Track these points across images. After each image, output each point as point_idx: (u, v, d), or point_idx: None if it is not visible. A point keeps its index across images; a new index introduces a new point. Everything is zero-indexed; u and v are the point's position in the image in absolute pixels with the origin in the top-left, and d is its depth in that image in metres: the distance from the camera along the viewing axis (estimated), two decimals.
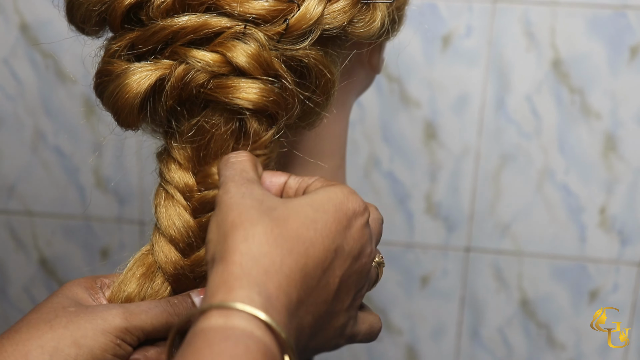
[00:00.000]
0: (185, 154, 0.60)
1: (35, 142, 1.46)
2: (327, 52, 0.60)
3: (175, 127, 0.60)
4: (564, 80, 1.32)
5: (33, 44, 1.38)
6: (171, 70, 0.56)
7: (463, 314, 1.50)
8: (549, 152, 1.36)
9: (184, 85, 0.57)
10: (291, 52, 0.57)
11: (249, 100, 0.56)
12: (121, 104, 0.58)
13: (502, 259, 1.45)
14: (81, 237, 1.53)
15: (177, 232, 0.61)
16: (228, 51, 0.55)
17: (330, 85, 0.61)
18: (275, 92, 0.57)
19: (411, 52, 1.32)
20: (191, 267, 0.61)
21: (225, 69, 0.56)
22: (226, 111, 0.58)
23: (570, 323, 1.47)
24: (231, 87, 0.56)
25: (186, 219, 0.61)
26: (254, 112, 0.57)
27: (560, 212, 1.40)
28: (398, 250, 1.46)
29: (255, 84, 0.56)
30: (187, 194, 0.61)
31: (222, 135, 0.59)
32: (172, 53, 0.57)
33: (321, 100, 0.61)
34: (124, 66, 0.57)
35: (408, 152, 1.39)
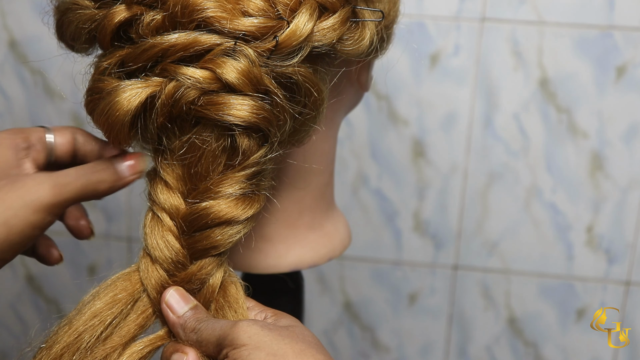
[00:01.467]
0: (175, 173, 0.60)
1: None
2: (316, 70, 0.60)
3: (166, 144, 0.60)
4: (551, 100, 1.32)
5: (22, 61, 1.37)
6: (161, 88, 0.56)
7: (451, 331, 1.49)
8: (536, 170, 1.37)
9: (174, 102, 0.56)
10: (281, 69, 0.57)
11: (239, 117, 0.56)
12: (112, 121, 0.57)
13: (489, 277, 1.45)
14: (68, 254, 1.52)
15: (161, 254, 0.61)
16: (218, 68, 0.55)
17: (320, 102, 0.61)
18: (265, 108, 0.57)
19: (400, 70, 1.33)
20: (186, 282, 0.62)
21: (215, 85, 0.56)
22: (217, 128, 0.58)
23: (557, 341, 1.47)
24: (222, 104, 0.56)
25: (171, 241, 0.61)
26: (245, 129, 0.57)
27: (547, 230, 1.40)
28: (386, 267, 1.46)
29: (246, 100, 0.56)
30: (173, 215, 0.61)
31: (214, 151, 0.58)
32: (162, 70, 0.57)
33: (310, 117, 0.61)
34: (115, 84, 0.57)
35: (396, 169, 1.39)
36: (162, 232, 0.61)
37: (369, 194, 1.42)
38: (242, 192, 0.60)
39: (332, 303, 1.50)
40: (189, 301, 0.61)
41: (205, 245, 0.60)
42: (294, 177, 0.73)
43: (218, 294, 0.62)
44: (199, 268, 0.61)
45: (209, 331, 0.58)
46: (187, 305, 0.61)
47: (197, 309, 0.61)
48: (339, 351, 1.53)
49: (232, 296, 0.63)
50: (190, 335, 0.59)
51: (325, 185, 0.78)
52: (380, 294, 1.48)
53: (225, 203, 0.59)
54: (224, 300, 0.62)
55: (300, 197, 0.75)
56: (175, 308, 0.60)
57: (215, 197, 0.59)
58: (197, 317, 0.60)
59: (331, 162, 0.78)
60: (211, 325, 0.59)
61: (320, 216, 0.78)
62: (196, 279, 0.61)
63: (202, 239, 0.60)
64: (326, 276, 1.48)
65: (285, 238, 0.76)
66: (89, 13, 0.59)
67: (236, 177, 0.59)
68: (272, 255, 0.76)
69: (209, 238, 0.60)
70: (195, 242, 0.60)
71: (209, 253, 0.61)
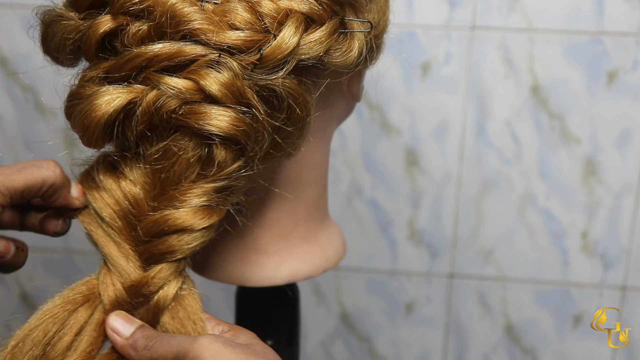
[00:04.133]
0: (144, 176, 0.60)
1: None
2: (301, 81, 0.60)
3: (142, 152, 0.59)
4: (543, 106, 1.32)
5: (9, 74, 1.37)
6: (143, 95, 0.56)
7: (448, 340, 1.49)
8: (529, 177, 1.37)
9: (155, 110, 0.56)
10: (264, 82, 0.57)
11: (219, 127, 0.56)
12: (88, 122, 0.57)
13: (485, 285, 1.45)
14: (63, 271, 1.51)
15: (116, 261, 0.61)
16: (201, 79, 0.55)
17: (305, 114, 0.61)
18: (246, 121, 0.57)
19: (391, 79, 1.33)
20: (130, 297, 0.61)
21: (197, 96, 0.56)
22: (196, 137, 0.58)
23: (554, 348, 1.47)
24: (202, 114, 0.56)
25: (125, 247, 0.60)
26: (223, 140, 0.57)
27: (542, 237, 1.40)
28: (382, 277, 1.46)
29: (227, 112, 0.56)
30: (131, 214, 0.60)
31: (189, 159, 0.58)
32: (145, 79, 0.56)
33: (296, 130, 0.61)
34: (95, 88, 0.57)
35: (390, 179, 1.39)
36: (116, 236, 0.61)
37: (363, 204, 1.41)
38: (206, 203, 0.59)
39: (328, 314, 1.49)
40: (134, 322, 0.60)
41: (161, 249, 0.60)
42: (287, 189, 0.73)
43: (176, 304, 0.62)
44: (152, 275, 0.60)
45: (164, 347, 0.57)
46: (132, 326, 0.60)
47: (144, 328, 0.60)
48: None
49: (191, 307, 0.62)
50: (144, 353, 0.58)
51: (319, 196, 0.78)
52: (376, 304, 1.48)
53: (185, 211, 0.59)
54: (183, 311, 0.62)
55: (293, 209, 0.75)
56: (121, 331, 0.60)
57: (177, 206, 0.59)
58: (146, 335, 0.59)
59: (324, 173, 0.77)
60: (166, 341, 0.58)
61: (314, 227, 0.78)
62: (151, 284, 0.60)
63: (157, 244, 0.59)
64: (322, 287, 1.47)
65: (280, 250, 0.76)
66: (73, 24, 0.59)
67: (204, 187, 0.59)
68: (267, 267, 0.76)
69: (165, 243, 0.59)
70: (151, 247, 0.60)
71: (165, 258, 0.60)
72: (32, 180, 0.60)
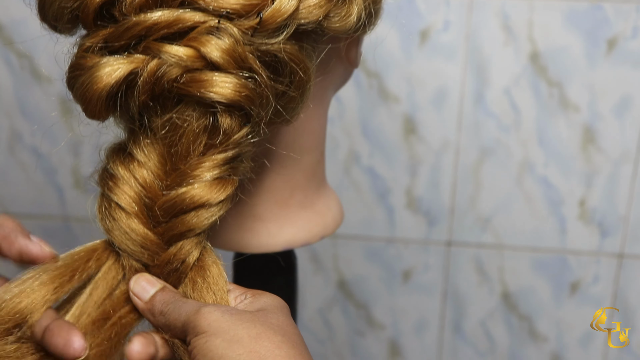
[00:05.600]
0: (155, 152, 0.60)
1: (11, 143, 1.45)
2: (302, 47, 0.60)
3: (147, 123, 0.59)
4: (542, 74, 1.32)
5: (6, 43, 1.36)
6: (144, 65, 0.56)
7: (445, 308, 1.50)
8: (528, 145, 1.36)
9: (156, 80, 0.56)
10: (265, 47, 0.56)
11: (222, 94, 0.56)
12: (90, 94, 0.57)
13: (483, 253, 1.45)
14: (61, 238, 1.51)
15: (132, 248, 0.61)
16: (202, 46, 0.55)
17: (306, 79, 0.60)
18: (249, 87, 0.56)
19: (389, 47, 1.32)
20: (160, 270, 0.61)
21: (199, 63, 0.56)
22: (199, 106, 0.57)
23: (551, 315, 1.48)
24: (204, 81, 0.56)
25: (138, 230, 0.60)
26: (227, 107, 0.57)
27: (540, 205, 1.40)
28: (379, 245, 1.46)
29: (229, 78, 0.56)
30: (145, 198, 0.60)
31: (194, 130, 0.58)
32: (145, 48, 0.56)
33: (296, 95, 0.61)
34: (96, 59, 0.57)
35: (388, 147, 1.39)
36: (127, 221, 0.60)
37: (360, 172, 1.41)
38: (218, 176, 0.59)
39: (326, 282, 1.50)
40: (155, 284, 0.61)
41: (181, 229, 0.60)
42: (285, 156, 0.73)
43: (197, 274, 0.62)
44: (176, 250, 0.61)
45: (175, 315, 0.58)
46: (153, 288, 0.60)
47: (164, 290, 0.60)
48: (334, 329, 1.53)
49: (213, 277, 0.62)
50: (159, 318, 0.59)
51: (316, 164, 0.77)
52: (374, 271, 1.48)
53: (200, 187, 0.59)
54: (203, 281, 0.62)
55: (291, 176, 0.75)
56: (141, 295, 0.60)
57: (191, 182, 0.59)
58: (164, 300, 0.59)
59: (322, 140, 0.77)
60: (177, 308, 0.58)
61: (311, 194, 0.78)
62: (175, 260, 0.61)
63: (177, 224, 0.60)
64: (319, 255, 1.48)
65: (277, 217, 0.76)
66: None
67: (214, 159, 0.59)
68: (264, 234, 0.76)
69: (184, 222, 0.60)
70: (170, 227, 0.60)
71: (185, 236, 0.61)
72: None
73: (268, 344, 0.55)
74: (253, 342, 0.54)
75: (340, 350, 1.55)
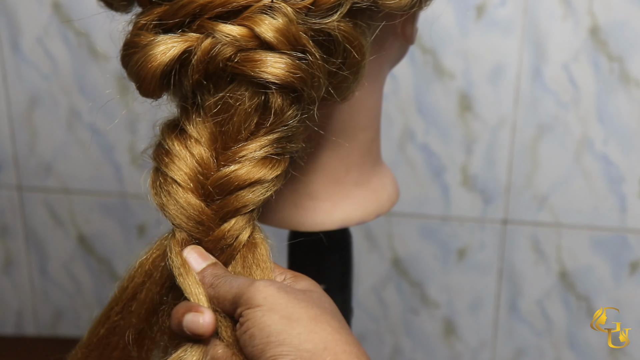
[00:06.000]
0: (207, 130, 0.60)
1: (70, 121, 1.47)
2: (356, 24, 0.59)
3: (199, 102, 0.59)
4: (602, 48, 1.29)
5: (64, 21, 1.38)
6: (198, 44, 0.56)
7: (501, 286, 1.49)
8: (587, 121, 1.34)
9: (210, 59, 0.56)
10: (319, 26, 0.56)
11: (275, 75, 0.56)
12: (144, 73, 0.57)
13: (540, 231, 1.43)
14: (118, 214, 1.54)
15: (185, 222, 0.61)
16: (256, 25, 0.55)
17: (360, 57, 0.60)
18: (302, 67, 0.56)
19: (445, 22, 1.30)
20: (213, 245, 0.62)
21: (252, 43, 0.55)
22: (252, 85, 0.57)
23: (610, 294, 1.45)
24: (258, 61, 0.56)
25: (194, 203, 0.60)
26: (279, 87, 0.57)
27: (599, 182, 1.38)
28: (434, 223, 1.45)
29: (282, 58, 0.56)
30: (199, 175, 0.60)
31: (246, 109, 0.58)
32: (199, 27, 0.56)
33: (350, 74, 0.60)
34: (150, 37, 0.57)
35: (443, 124, 1.37)
36: (184, 195, 0.60)
37: (415, 150, 1.40)
38: (269, 154, 0.59)
39: (380, 259, 1.50)
40: (207, 258, 0.61)
41: (236, 205, 0.60)
42: (340, 134, 0.72)
43: (248, 251, 0.62)
44: (230, 226, 0.61)
45: (226, 287, 0.58)
46: (205, 262, 0.60)
47: (215, 265, 0.61)
48: (388, 307, 1.53)
49: (262, 255, 0.63)
50: (208, 290, 0.59)
51: (372, 141, 0.77)
52: (428, 249, 1.48)
53: (252, 165, 0.59)
54: (253, 258, 0.62)
55: (346, 154, 0.74)
56: (193, 265, 0.60)
57: (242, 160, 0.59)
58: (215, 273, 0.60)
59: (377, 117, 0.77)
60: (229, 281, 0.58)
61: (367, 172, 0.78)
62: (229, 236, 0.61)
63: (231, 200, 0.60)
64: (374, 233, 1.48)
65: (332, 195, 0.76)
66: None
67: (265, 139, 0.59)
68: (319, 212, 0.76)
69: (238, 198, 0.60)
70: (225, 205, 0.60)
71: (239, 212, 0.61)
72: None
73: (327, 327, 0.55)
74: (312, 323, 0.54)
75: (394, 328, 1.55)
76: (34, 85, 1.45)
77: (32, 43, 1.42)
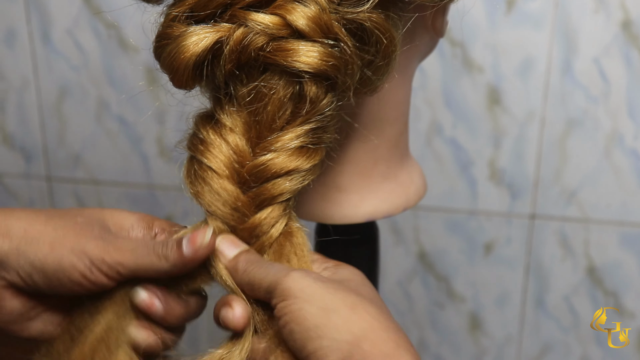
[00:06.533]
0: (241, 120, 0.60)
1: (99, 112, 1.48)
2: (388, 16, 0.59)
3: (232, 92, 0.59)
4: (634, 42, 1.28)
5: (95, 12, 1.39)
6: (230, 33, 0.56)
7: (528, 281, 1.48)
8: (617, 116, 1.33)
9: (242, 49, 0.56)
10: (351, 15, 0.56)
11: (308, 63, 0.56)
12: (177, 64, 0.57)
13: (568, 226, 1.42)
14: (146, 205, 1.55)
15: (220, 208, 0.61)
16: (288, 14, 0.55)
17: (392, 49, 0.60)
18: (335, 55, 0.56)
19: (475, 15, 1.29)
20: (248, 233, 0.62)
21: (284, 31, 0.55)
22: (285, 75, 0.57)
23: (639, 290, 1.44)
24: (290, 50, 0.56)
25: (230, 190, 0.60)
26: (313, 76, 0.57)
27: (629, 178, 1.36)
28: (461, 217, 1.45)
29: (315, 47, 0.56)
30: (235, 163, 0.60)
31: (281, 99, 0.58)
32: (231, 17, 0.56)
33: (382, 65, 0.60)
34: (183, 29, 0.57)
35: (471, 118, 1.37)
36: (219, 181, 0.60)
37: (443, 143, 1.40)
38: (304, 144, 0.59)
39: (406, 253, 1.49)
40: (240, 246, 0.60)
41: (273, 193, 0.60)
42: (368, 127, 0.72)
43: (285, 239, 0.62)
44: (265, 215, 0.61)
45: (261, 275, 0.57)
46: (237, 249, 0.60)
47: (248, 252, 0.60)
48: (414, 301, 1.53)
49: (299, 244, 0.63)
50: (242, 276, 0.58)
51: (400, 135, 0.77)
52: (455, 244, 1.47)
53: (288, 154, 0.59)
54: (290, 246, 0.62)
55: (374, 147, 0.74)
56: (225, 252, 0.60)
57: (278, 149, 0.59)
58: (249, 259, 0.59)
59: (405, 110, 0.76)
60: (264, 268, 0.58)
61: (394, 166, 0.77)
62: (265, 224, 0.61)
63: (269, 189, 0.60)
64: (400, 226, 1.47)
65: (360, 188, 0.75)
66: None
67: (300, 128, 0.59)
68: (347, 205, 0.76)
69: (275, 186, 0.60)
70: (261, 192, 0.60)
71: (275, 200, 0.61)
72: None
73: (365, 315, 0.54)
74: (350, 312, 0.54)
75: (420, 322, 1.55)
76: (63, 76, 1.46)
77: (62, 34, 1.43)
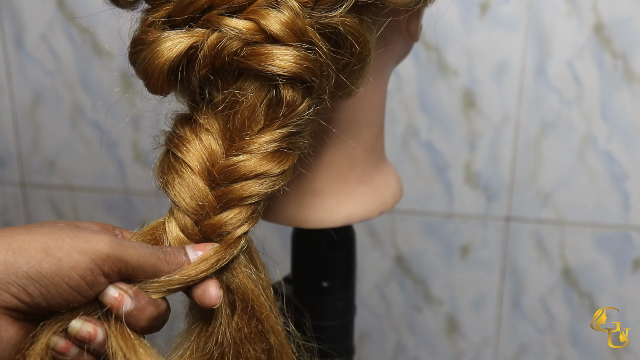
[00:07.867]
0: (217, 122, 0.60)
1: (74, 117, 1.47)
2: (362, 20, 0.59)
3: (207, 97, 0.59)
4: (606, 45, 1.29)
5: (69, 17, 1.38)
6: (204, 38, 0.56)
7: (504, 284, 1.48)
8: (591, 119, 1.34)
9: (216, 53, 0.56)
10: (325, 20, 0.56)
11: (282, 67, 0.56)
12: (151, 69, 0.57)
13: (543, 228, 1.43)
14: (122, 211, 1.54)
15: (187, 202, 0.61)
16: (262, 19, 0.55)
17: (366, 53, 0.60)
18: (310, 59, 0.56)
19: (449, 19, 1.30)
20: (212, 231, 0.61)
21: (258, 36, 0.56)
22: (260, 79, 0.57)
23: (613, 292, 1.45)
24: (265, 55, 0.56)
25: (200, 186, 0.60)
26: (288, 79, 0.57)
27: (603, 179, 1.38)
28: (437, 220, 1.45)
29: (289, 51, 0.56)
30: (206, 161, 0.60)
31: (255, 103, 0.58)
32: (206, 22, 0.56)
33: (357, 69, 0.60)
34: (157, 34, 0.57)
35: (447, 121, 1.37)
36: (191, 176, 0.60)
37: (419, 147, 1.40)
38: (278, 148, 0.59)
39: (383, 256, 1.50)
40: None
41: (241, 194, 0.60)
42: (344, 131, 0.72)
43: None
44: (230, 216, 0.60)
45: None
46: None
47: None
48: (392, 304, 1.53)
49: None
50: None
51: (376, 138, 0.77)
52: (431, 246, 1.48)
53: (260, 157, 0.59)
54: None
55: (350, 151, 0.74)
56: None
57: (251, 152, 0.59)
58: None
59: (381, 114, 0.77)
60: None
61: (371, 169, 0.78)
62: (228, 225, 0.61)
63: (237, 189, 0.60)
64: (377, 230, 1.47)
65: (336, 192, 0.76)
66: None
67: (275, 133, 0.59)
68: (323, 209, 0.76)
69: (245, 188, 0.60)
70: (229, 192, 0.60)
71: (243, 202, 0.60)
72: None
73: None
74: None
75: (397, 326, 1.55)
76: (37, 82, 1.45)
77: (36, 40, 1.42)
